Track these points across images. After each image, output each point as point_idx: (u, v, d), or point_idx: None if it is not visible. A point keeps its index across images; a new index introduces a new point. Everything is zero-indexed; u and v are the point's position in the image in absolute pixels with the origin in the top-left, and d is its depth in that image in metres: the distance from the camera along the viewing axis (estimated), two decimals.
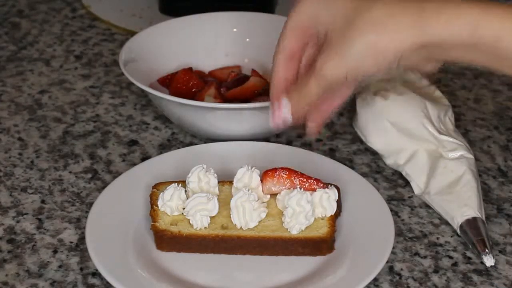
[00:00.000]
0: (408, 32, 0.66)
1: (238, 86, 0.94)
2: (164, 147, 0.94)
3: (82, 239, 0.80)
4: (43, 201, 0.86)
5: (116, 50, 1.14)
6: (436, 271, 0.77)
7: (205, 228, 0.77)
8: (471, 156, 0.86)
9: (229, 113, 0.89)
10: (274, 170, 0.78)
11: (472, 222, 0.79)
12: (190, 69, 0.99)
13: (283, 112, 0.74)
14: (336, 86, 0.71)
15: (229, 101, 0.93)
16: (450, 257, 0.78)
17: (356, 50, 0.67)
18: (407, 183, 0.87)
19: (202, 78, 0.98)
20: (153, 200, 0.79)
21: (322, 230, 0.76)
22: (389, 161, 0.89)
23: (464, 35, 0.64)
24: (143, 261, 0.75)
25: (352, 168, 0.89)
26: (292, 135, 0.96)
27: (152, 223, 0.77)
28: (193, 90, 0.95)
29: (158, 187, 0.81)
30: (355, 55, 0.68)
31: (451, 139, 0.86)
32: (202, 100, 0.92)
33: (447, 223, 0.82)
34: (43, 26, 1.21)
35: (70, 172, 0.90)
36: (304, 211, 0.75)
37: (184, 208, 0.77)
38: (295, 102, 0.73)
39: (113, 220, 0.79)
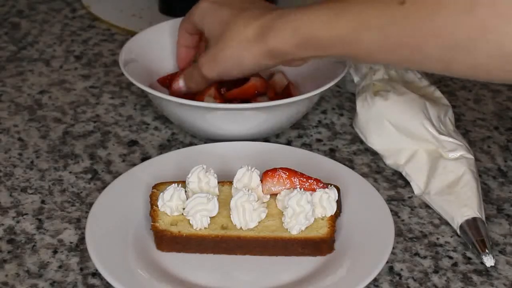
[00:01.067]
0: (255, 46, 0.81)
1: (238, 86, 0.94)
2: (164, 147, 0.94)
3: (82, 239, 0.80)
4: (43, 202, 0.86)
5: (116, 50, 1.14)
6: (436, 272, 0.77)
7: (205, 228, 0.77)
8: (471, 157, 0.86)
9: (229, 113, 0.89)
10: (274, 170, 0.78)
11: (472, 223, 0.79)
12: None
13: (179, 84, 0.93)
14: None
15: (229, 101, 0.93)
16: (450, 258, 0.78)
17: (223, 59, 0.85)
18: (407, 183, 0.87)
19: None
20: (153, 201, 0.79)
21: (322, 230, 0.76)
22: (389, 161, 0.89)
23: (291, 41, 0.78)
24: (143, 261, 0.75)
25: (352, 168, 0.89)
26: (292, 135, 0.96)
27: (152, 223, 0.77)
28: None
29: (158, 187, 0.81)
30: (223, 63, 0.85)
31: (451, 139, 0.86)
32: (202, 100, 0.92)
33: (447, 224, 0.82)
34: (43, 26, 1.21)
35: (70, 172, 0.90)
36: (304, 211, 0.75)
37: (184, 209, 0.77)
38: (187, 81, 0.92)
39: (113, 221, 0.79)
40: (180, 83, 0.93)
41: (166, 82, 0.97)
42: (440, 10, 0.66)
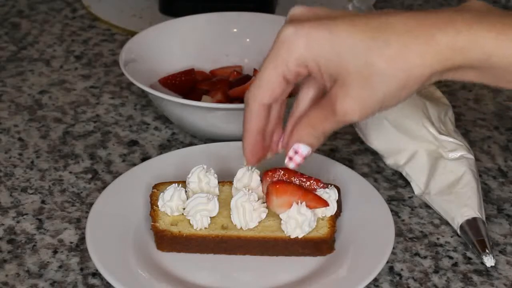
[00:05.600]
0: (428, 67, 0.63)
1: (241, 85, 0.94)
2: (164, 147, 0.94)
3: (82, 239, 0.80)
4: (43, 202, 0.86)
5: (116, 51, 1.14)
6: (436, 272, 0.77)
7: (205, 228, 0.77)
8: (471, 157, 0.86)
9: (229, 113, 0.89)
10: (274, 170, 0.78)
11: (472, 223, 0.79)
12: (192, 70, 0.99)
13: (303, 153, 0.70)
14: None
15: (231, 100, 0.93)
16: (450, 258, 0.78)
17: (379, 92, 0.64)
18: (407, 184, 0.87)
19: (209, 79, 0.99)
20: (153, 201, 0.79)
21: (322, 230, 0.76)
22: (389, 161, 0.89)
23: (477, 63, 0.63)
24: (143, 262, 0.75)
25: (352, 168, 0.89)
26: None
27: (152, 223, 0.77)
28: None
29: (158, 187, 0.81)
30: (379, 97, 0.65)
31: (451, 140, 0.86)
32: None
33: (447, 224, 0.82)
34: (43, 26, 1.21)
35: (70, 172, 0.90)
36: (306, 219, 0.75)
37: (184, 209, 0.77)
38: (315, 140, 0.69)
39: (113, 221, 0.79)
40: (304, 151, 0.70)
41: (167, 82, 0.97)
42: None
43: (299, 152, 0.70)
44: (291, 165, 0.70)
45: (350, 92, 0.65)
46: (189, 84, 0.98)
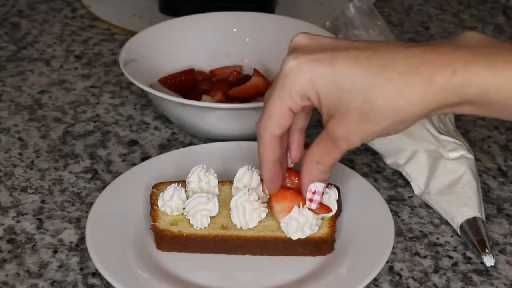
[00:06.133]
0: (426, 106, 0.65)
1: (240, 85, 0.94)
2: (164, 147, 0.94)
3: (82, 239, 0.80)
4: (43, 201, 0.86)
5: (116, 50, 1.14)
6: (436, 271, 0.77)
7: (205, 228, 0.77)
8: (471, 156, 0.86)
9: (229, 113, 0.89)
10: None
11: (472, 222, 0.79)
12: (192, 70, 0.99)
13: (319, 189, 0.73)
14: None
15: (231, 100, 0.93)
16: (450, 257, 0.78)
17: (379, 125, 0.66)
18: (407, 183, 0.87)
19: (209, 79, 0.98)
20: (153, 200, 0.79)
21: (322, 230, 0.76)
22: (389, 161, 0.89)
23: (475, 99, 0.64)
24: (143, 261, 0.75)
25: (352, 168, 0.89)
26: None
27: (152, 223, 0.77)
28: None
29: (158, 187, 0.81)
30: (378, 129, 0.67)
31: (451, 139, 0.86)
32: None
33: (447, 223, 0.82)
34: (43, 26, 1.21)
35: (70, 172, 0.90)
36: (308, 221, 0.75)
37: (184, 208, 0.77)
38: (322, 172, 0.71)
39: (113, 220, 0.79)
40: (320, 188, 0.72)
41: (167, 82, 0.97)
42: None
43: (316, 191, 0.72)
44: (314, 206, 0.74)
45: (350, 125, 0.67)
46: (189, 84, 0.98)
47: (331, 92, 0.66)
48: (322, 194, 0.73)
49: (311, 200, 0.73)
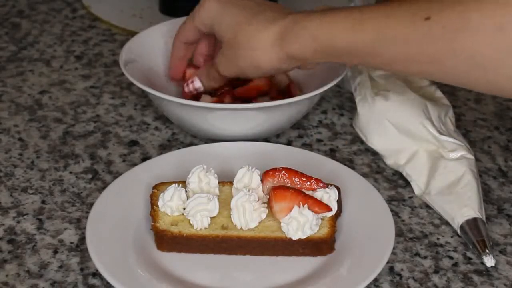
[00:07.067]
0: (273, 51, 0.81)
1: (242, 85, 0.94)
2: (164, 148, 0.94)
3: (82, 239, 0.80)
4: (43, 202, 0.86)
5: (116, 51, 1.14)
6: (436, 272, 0.77)
7: (205, 228, 0.77)
8: (472, 157, 0.86)
9: (229, 113, 0.89)
10: (274, 170, 0.78)
11: (472, 223, 0.79)
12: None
13: (195, 85, 0.92)
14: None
15: (232, 100, 0.93)
16: (451, 258, 0.78)
17: (239, 61, 0.84)
18: (407, 184, 0.87)
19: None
20: (153, 201, 0.79)
21: (322, 231, 0.76)
22: (390, 161, 0.89)
23: (310, 48, 0.78)
24: (143, 262, 0.75)
25: (353, 168, 0.89)
26: (292, 135, 0.96)
27: (153, 223, 0.77)
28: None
29: (158, 187, 0.81)
30: (239, 64, 0.84)
31: (452, 140, 0.86)
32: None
33: (447, 224, 0.82)
34: (44, 27, 1.21)
35: (71, 172, 0.90)
36: (308, 220, 0.75)
37: (184, 209, 0.77)
38: (205, 80, 0.91)
39: (113, 221, 0.79)
40: (196, 84, 0.92)
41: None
42: (465, 29, 0.67)
43: (193, 83, 0.92)
44: (186, 89, 0.93)
45: (223, 50, 0.86)
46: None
47: (218, 24, 0.86)
48: (196, 90, 0.92)
49: (187, 84, 0.93)
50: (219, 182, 0.80)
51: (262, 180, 0.79)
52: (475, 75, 0.69)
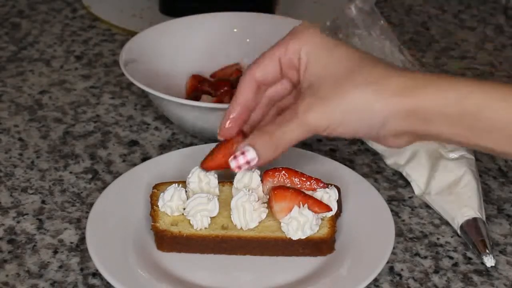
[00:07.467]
0: (399, 97, 0.65)
1: None
2: (164, 148, 0.94)
3: (82, 239, 0.80)
4: (43, 202, 0.86)
5: (116, 51, 1.14)
6: (436, 272, 0.77)
7: (205, 228, 0.77)
8: (472, 157, 0.86)
9: None
10: (275, 170, 0.78)
11: (472, 223, 0.79)
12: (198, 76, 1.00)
13: (248, 156, 0.69)
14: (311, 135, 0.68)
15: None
16: (451, 258, 0.78)
17: (346, 103, 0.66)
18: (407, 184, 0.87)
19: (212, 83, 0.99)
20: (153, 201, 0.79)
21: (322, 231, 0.76)
22: (390, 161, 0.89)
23: (449, 105, 0.65)
24: (143, 262, 0.75)
25: (353, 168, 0.89)
26: None
27: (153, 223, 0.77)
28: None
29: (158, 187, 0.81)
30: (344, 108, 0.66)
31: None
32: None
33: (447, 224, 0.82)
34: (44, 27, 1.21)
35: (71, 172, 0.90)
36: (308, 220, 0.75)
37: (184, 209, 0.77)
38: (268, 144, 0.69)
39: (113, 221, 0.79)
40: (250, 155, 0.69)
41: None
42: None
43: (245, 154, 0.69)
44: (232, 165, 0.70)
45: (315, 95, 0.67)
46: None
47: (320, 60, 0.68)
48: (248, 163, 0.69)
49: (235, 157, 0.69)
50: (219, 182, 0.80)
51: (262, 180, 0.79)
52: None
